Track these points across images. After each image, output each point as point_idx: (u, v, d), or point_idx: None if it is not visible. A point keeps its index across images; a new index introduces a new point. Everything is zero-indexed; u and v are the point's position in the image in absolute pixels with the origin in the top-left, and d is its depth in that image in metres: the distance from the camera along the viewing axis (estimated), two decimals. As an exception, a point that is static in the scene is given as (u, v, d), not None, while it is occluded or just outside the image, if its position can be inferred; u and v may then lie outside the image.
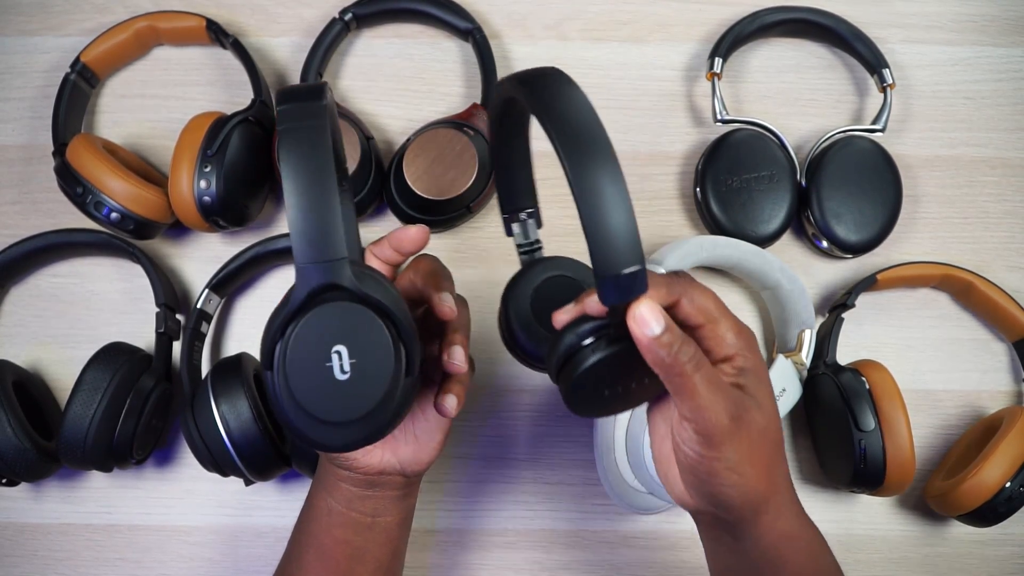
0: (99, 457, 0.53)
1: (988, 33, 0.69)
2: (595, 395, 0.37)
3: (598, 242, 0.32)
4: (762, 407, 0.37)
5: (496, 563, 0.60)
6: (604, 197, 0.32)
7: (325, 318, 0.33)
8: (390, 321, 0.33)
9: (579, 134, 0.33)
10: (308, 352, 0.33)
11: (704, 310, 0.37)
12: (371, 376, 0.33)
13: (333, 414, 0.33)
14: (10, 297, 0.63)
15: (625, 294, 0.33)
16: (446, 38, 0.68)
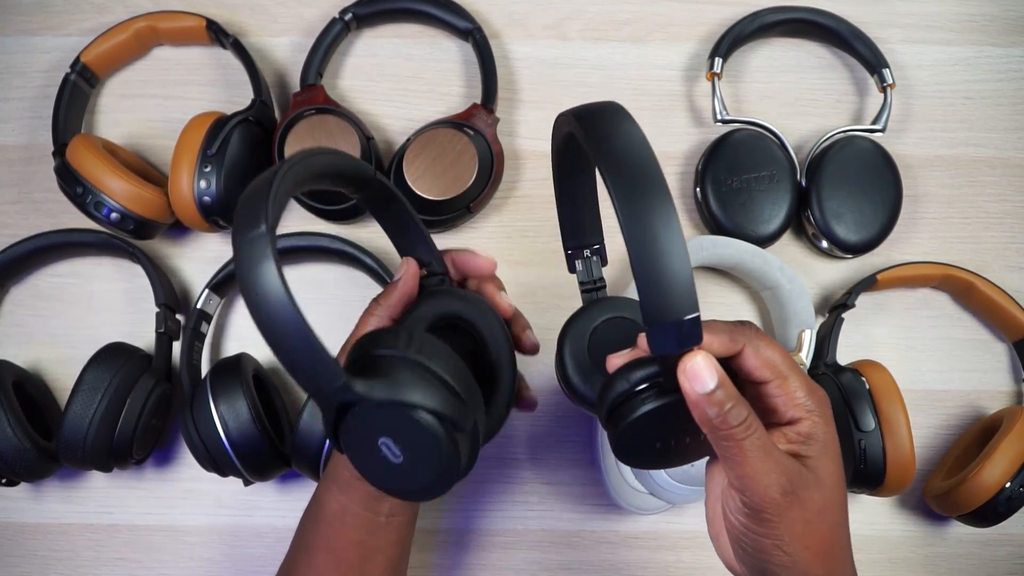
0: (99, 457, 0.53)
1: (988, 33, 0.69)
2: (646, 446, 0.36)
3: (648, 287, 0.30)
4: (823, 484, 0.34)
5: (496, 563, 0.60)
6: (656, 240, 0.30)
7: (359, 422, 0.34)
8: (412, 406, 0.33)
9: (633, 173, 0.31)
10: (360, 448, 0.34)
11: (771, 364, 0.34)
12: (424, 455, 0.34)
13: (402, 487, 0.35)
14: (10, 297, 0.63)
15: (677, 344, 0.31)
16: (446, 38, 0.68)
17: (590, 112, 0.34)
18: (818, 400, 0.35)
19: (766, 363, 0.34)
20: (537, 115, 0.66)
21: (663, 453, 0.37)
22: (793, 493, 0.33)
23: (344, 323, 0.62)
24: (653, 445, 0.36)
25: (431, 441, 0.34)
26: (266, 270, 0.30)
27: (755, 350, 0.34)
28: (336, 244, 0.60)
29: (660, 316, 0.30)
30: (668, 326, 0.30)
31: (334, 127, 0.58)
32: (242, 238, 0.31)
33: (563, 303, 0.63)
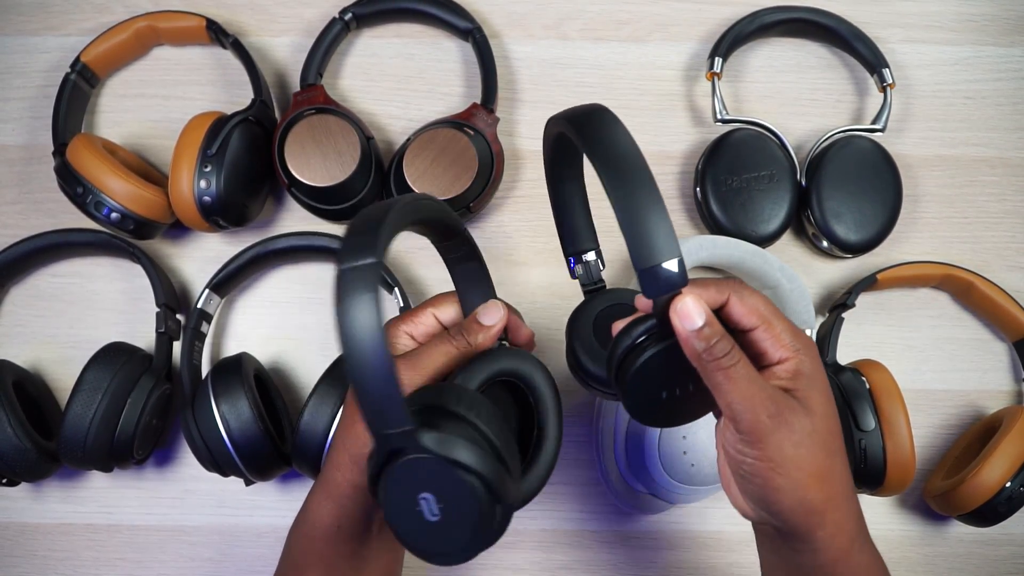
0: (99, 457, 0.53)
1: (988, 33, 0.69)
2: (654, 398, 0.38)
3: (635, 238, 0.34)
4: (811, 412, 0.36)
5: (496, 563, 0.60)
6: (639, 199, 0.34)
7: (406, 472, 0.34)
8: (467, 470, 0.34)
9: (617, 154, 0.35)
10: (398, 498, 0.34)
11: (756, 310, 0.37)
12: (460, 518, 0.34)
13: (433, 546, 0.35)
14: (10, 297, 0.63)
15: (666, 285, 0.34)
16: (446, 38, 0.68)
17: (579, 112, 0.38)
18: (803, 342, 0.37)
19: (751, 310, 0.37)
20: (537, 115, 0.66)
21: (671, 404, 0.39)
22: (779, 415, 0.35)
23: (344, 323, 0.63)
24: (660, 395, 0.38)
25: (474, 507, 0.34)
26: (367, 300, 0.32)
27: (740, 299, 0.37)
28: (336, 244, 0.60)
29: (649, 261, 0.33)
30: (655, 269, 0.34)
31: (334, 127, 0.58)
32: (351, 263, 0.32)
33: (563, 303, 0.63)
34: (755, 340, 0.37)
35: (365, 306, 0.32)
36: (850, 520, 0.38)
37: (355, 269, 0.32)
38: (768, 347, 0.37)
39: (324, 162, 0.58)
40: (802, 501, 0.36)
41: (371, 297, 0.32)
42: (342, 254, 0.33)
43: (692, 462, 0.53)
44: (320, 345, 0.62)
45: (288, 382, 0.62)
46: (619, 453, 0.56)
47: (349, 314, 0.32)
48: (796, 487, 0.35)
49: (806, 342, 0.37)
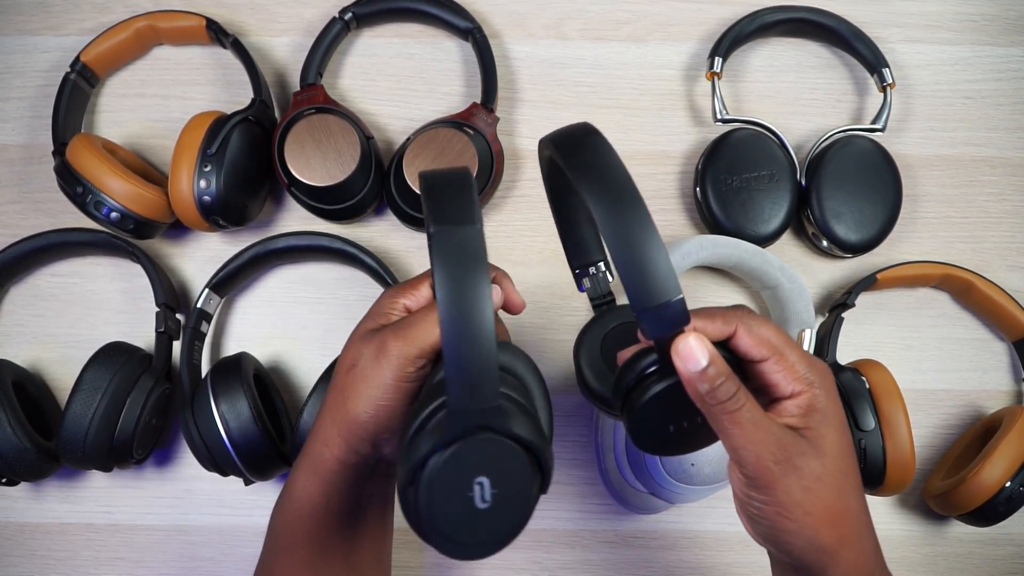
0: (99, 457, 0.53)
1: (988, 32, 0.69)
2: (659, 430, 0.37)
3: (633, 277, 0.32)
4: (822, 453, 0.35)
5: (496, 563, 0.60)
6: (634, 234, 0.32)
7: (473, 450, 0.32)
8: (532, 454, 0.33)
9: (608, 185, 0.33)
10: (450, 482, 0.33)
11: (766, 341, 0.36)
12: (510, 506, 0.33)
13: (468, 538, 0.33)
14: (10, 297, 0.63)
15: (667, 326, 0.33)
16: (446, 38, 0.68)
17: (564, 135, 0.36)
18: (818, 372, 0.36)
19: (761, 341, 0.36)
20: (537, 114, 0.66)
21: (678, 437, 0.38)
22: (787, 461, 0.34)
23: (344, 322, 0.62)
24: (667, 428, 0.37)
25: (526, 494, 0.33)
26: (480, 270, 0.31)
27: (748, 329, 0.36)
28: (336, 244, 0.60)
29: (647, 303, 0.32)
30: (656, 310, 0.32)
31: (334, 127, 0.58)
32: (457, 226, 0.31)
33: (563, 302, 0.63)
34: (765, 371, 0.36)
35: (477, 275, 0.31)
36: (865, 556, 0.37)
37: (458, 232, 0.31)
38: (779, 379, 0.36)
39: (324, 162, 0.58)
40: (812, 542, 0.35)
41: (482, 265, 0.31)
42: (437, 214, 0.32)
43: (692, 462, 0.53)
44: (320, 345, 0.62)
45: (288, 382, 0.62)
46: (619, 453, 0.56)
47: (460, 281, 0.31)
48: (806, 529, 0.35)
49: (821, 373, 0.36)
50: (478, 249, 0.31)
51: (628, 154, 0.65)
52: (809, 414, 0.35)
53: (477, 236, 0.32)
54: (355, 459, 0.41)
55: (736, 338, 0.36)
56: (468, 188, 0.34)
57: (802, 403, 0.35)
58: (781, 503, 0.34)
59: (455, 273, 0.31)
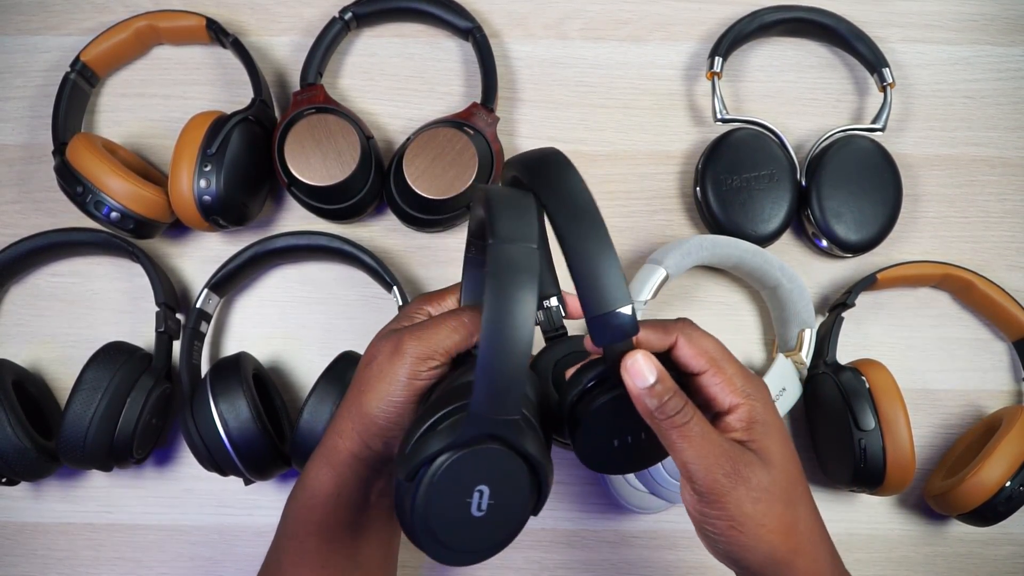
0: (99, 456, 0.53)
1: (988, 32, 0.69)
2: (606, 446, 0.38)
3: (586, 285, 0.33)
4: (768, 463, 0.36)
5: (496, 563, 0.60)
6: (590, 246, 0.33)
7: (483, 458, 0.33)
8: (535, 474, 0.34)
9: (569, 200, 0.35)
10: (452, 485, 0.33)
11: (705, 352, 0.36)
12: (504, 518, 0.34)
13: (456, 543, 0.34)
14: (10, 296, 0.63)
15: (616, 334, 0.33)
16: (446, 37, 0.68)
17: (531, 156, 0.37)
18: (755, 385, 0.37)
19: (700, 352, 0.36)
20: (537, 114, 0.66)
21: (625, 453, 0.38)
22: (736, 473, 0.35)
23: (344, 322, 0.63)
24: (612, 443, 0.38)
25: (522, 507, 0.34)
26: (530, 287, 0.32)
27: (688, 340, 0.36)
28: (336, 243, 0.60)
29: (598, 309, 0.33)
30: (605, 317, 0.33)
31: (334, 126, 0.58)
32: (519, 243, 0.33)
33: (563, 302, 0.63)
34: (704, 384, 0.37)
35: (527, 292, 0.32)
36: (821, 562, 0.38)
37: (518, 250, 0.32)
38: (717, 392, 0.36)
39: (324, 162, 0.58)
40: (768, 555, 0.36)
41: (532, 283, 0.32)
42: (500, 231, 0.33)
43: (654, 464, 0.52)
44: (320, 345, 0.62)
45: (287, 382, 0.62)
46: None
47: (510, 294, 0.31)
48: (760, 543, 0.35)
49: (757, 385, 0.37)
50: (531, 267, 0.32)
51: (628, 154, 0.66)
52: (751, 427, 0.36)
53: (532, 255, 0.33)
54: (367, 453, 0.41)
55: (676, 348, 0.37)
56: (531, 210, 0.35)
57: (743, 416, 0.36)
58: (733, 516, 0.35)
59: (505, 285, 0.32)
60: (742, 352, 0.63)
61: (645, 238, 0.64)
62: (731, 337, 0.63)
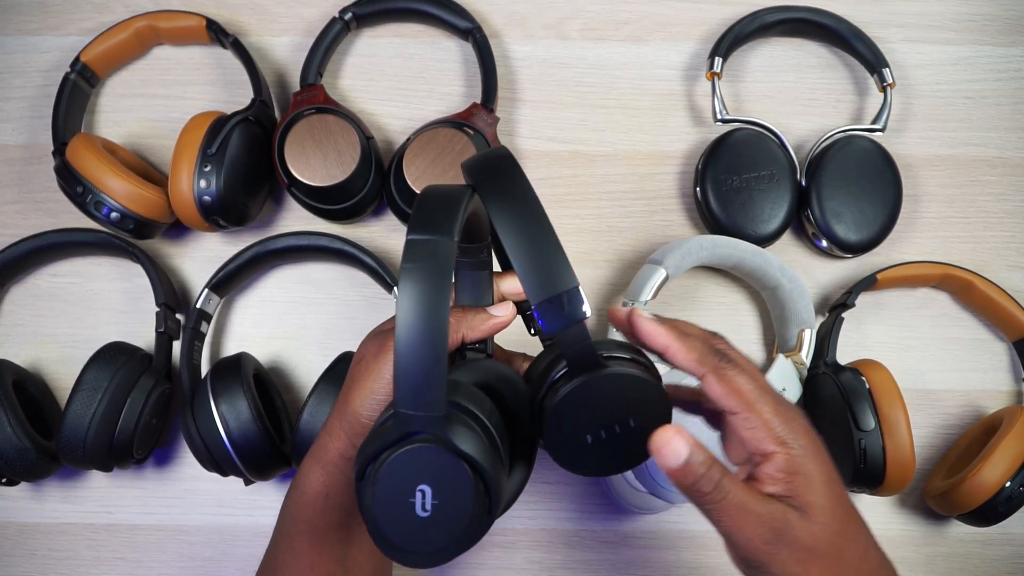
0: (99, 457, 0.53)
1: (988, 32, 0.69)
2: (578, 442, 0.36)
3: (528, 272, 0.32)
4: (812, 519, 0.33)
5: (496, 563, 0.60)
6: (527, 231, 0.33)
7: (414, 458, 0.32)
8: (476, 472, 0.33)
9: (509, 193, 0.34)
10: (394, 485, 0.33)
11: (739, 393, 0.34)
12: (450, 518, 0.33)
13: (408, 543, 0.33)
14: (10, 297, 0.63)
15: (567, 318, 0.33)
16: (446, 38, 0.68)
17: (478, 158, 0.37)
18: (796, 429, 0.34)
19: (733, 392, 0.34)
20: (537, 114, 0.66)
21: (603, 450, 0.37)
22: (777, 540, 0.33)
23: (344, 322, 0.63)
24: (585, 439, 0.36)
25: (468, 508, 0.33)
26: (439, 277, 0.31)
27: (721, 378, 0.34)
28: (336, 244, 0.60)
29: (543, 294, 0.32)
30: (552, 302, 0.32)
31: (334, 127, 0.58)
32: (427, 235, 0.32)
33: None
34: (737, 426, 0.34)
35: (433, 281, 0.31)
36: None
37: (428, 242, 0.32)
38: (751, 436, 0.34)
39: (324, 162, 0.58)
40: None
41: (441, 273, 0.31)
42: (417, 223, 0.32)
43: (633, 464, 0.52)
44: (320, 345, 0.62)
45: (287, 382, 0.62)
46: (619, 453, 0.56)
47: (413, 285, 0.31)
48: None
49: (795, 428, 0.34)
50: (442, 258, 0.32)
51: (628, 154, 0.66)
52: (791, 479, 0.33)
53: (445, 247, 0.32)
54: (354, 453, 0.41)
55: (705, 383, 0.34)
56: (456, 203, 0.34)
57: (780, 466, 0.34)
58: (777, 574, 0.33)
59: (417, 279, 0.31)
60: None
61: (645, 238, 0.64)
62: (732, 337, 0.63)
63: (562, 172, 0.65)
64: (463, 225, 0.34)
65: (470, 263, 0.44)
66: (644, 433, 0.35)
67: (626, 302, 0.57)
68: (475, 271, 0.44)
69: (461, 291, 0.45)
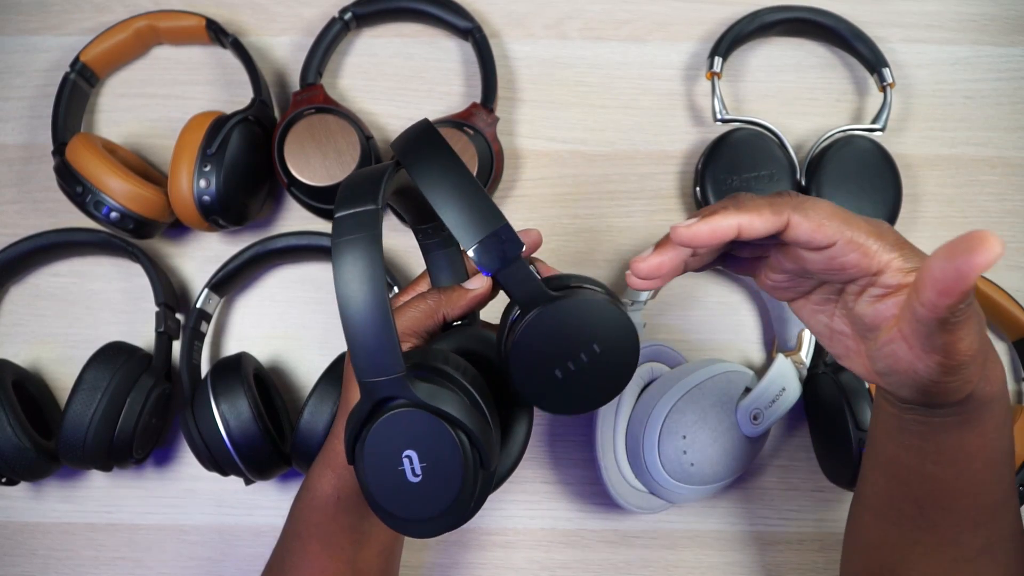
0: (99, 456, 0.53)
1: (988, 32, 0.69)
2: (549, 379, 0.36)
3: (456, 219, 0.33)
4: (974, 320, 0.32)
5: (496, 563, 0.60)
6: (447, 181, 0.33)
7: (392, 426, 0.33)
8: (454, 425, 0.33)
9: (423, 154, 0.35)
10: (380, 457, 0.33)
11: (826, 222, 0.32)
12: (443, 478, 0.33)
13: (408, 512, 0.34)
14: (10, 296, 0.63)
15: (503, 256, 0.33)
16: (446, 37, 0.68)
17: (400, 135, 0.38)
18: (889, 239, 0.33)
19: (818, 227, 0.32)
20: (537, 114, 0.66)
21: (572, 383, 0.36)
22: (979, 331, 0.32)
23: (344, 322, 0.63)
24: (554, 375, 0.36)
25: (459, 468, 0.33)
26: (365, 244, 0.31)
27: (804, 215, 0.32)
28: (336, 243, 0.60)
29: (477, 235, 0.33)
30: (486, 241, 0.33)
31: (334, 126, 0.58)
32: (349, 210, 0.32)
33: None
34: (832, 259, 0.33)
35: (363, 250, 0.31)
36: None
37: (353, 215, 0.32)
38: (855, 261, 0.33)
39: (324, 162, 0.58)
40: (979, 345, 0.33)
41: (369, 241, 0.31)
42: (339, 203, 0.33)
43: (692, 462, 0.53)
44: (320, 345, 0.62)
45: (288, 382, 0.62)
46: (619, 453, 0.56)
47: (345, 257, 0.31)
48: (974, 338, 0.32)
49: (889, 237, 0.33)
50: (372, 225, 0.32)
51: (628, 154, 0.66)
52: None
53: (372, 215, 0.32)
54: None
55: (792, 229, 0.33)
56: (376, 177, 0.34)
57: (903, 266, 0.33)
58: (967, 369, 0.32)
59: (348, 249, 0.31)
60: (741, 352, 0.63)
61: (645, 238, 0.64)
62: (731, 337, 0.63)
63: (562, 172, 0.65)
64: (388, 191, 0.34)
65: (436, 243, 0.44)
66: (613, 358, 0.35)
67: (626, 302, 0.57)
68: (444, 248, 0.44)
69: (437, 272, 0.45)
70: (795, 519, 0.60)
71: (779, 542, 0.60)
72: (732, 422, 0.53)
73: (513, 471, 0.41)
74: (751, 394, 0.53)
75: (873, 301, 0.34)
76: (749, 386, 0.54)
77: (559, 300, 0.35)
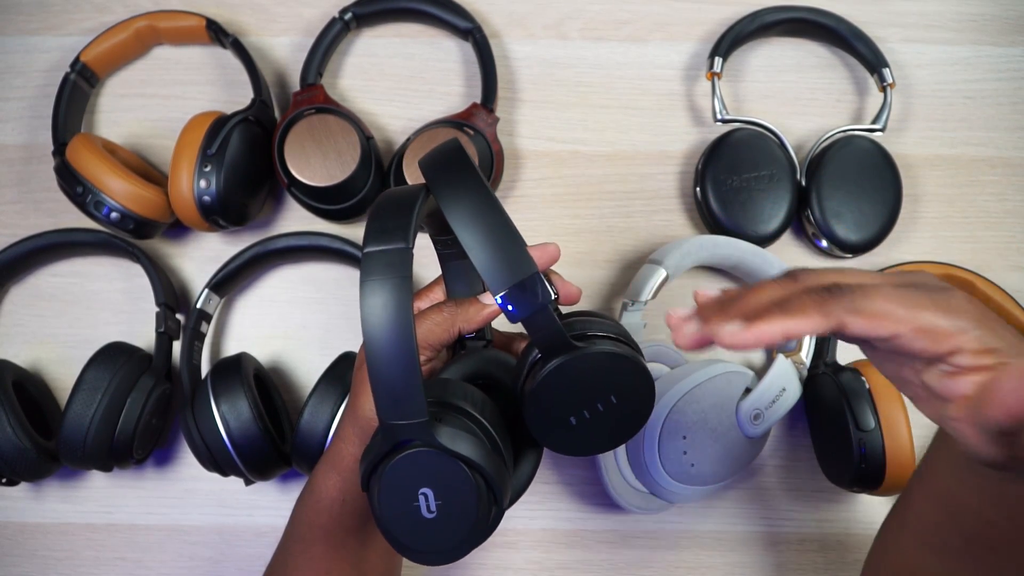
0: (99, 457, 0.53)
1: (988, 32, 0.69)
2: (564, 425, 0.37)
3: (486, 263, 0.33)
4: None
5: (496, 563, 0.60)
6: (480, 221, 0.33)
7: (410, 464, 0.33)
8: (472, 468, 0.34)
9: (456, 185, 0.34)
10: (396, 490, 0.33)
11: (888, 314, 0.29)
12: (457, 516, 0.34)
13: (419, 544, 0.34)
14: (10, 297, 0.63)
15: (531, 304, 0.33)
16: (446, 38, 0.68)
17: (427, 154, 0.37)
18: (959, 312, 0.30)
19: (877, 316, 0.29)
20: (537, 115, 0.66)
21: (587, 430, 0.37)
22: None
23: (344, 322, 0.63)
24: (568, 421, 0.36)
25: (474, 505, 0.33)
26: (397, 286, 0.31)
27: (858, 313, 0.29)
28: (336, 244, 0.60)
29: (504, 284, 0.32)
30: (513, 290, 0.33)
31: (334, 127, 0.58)
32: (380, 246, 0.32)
33: (563, 303, 0.63)
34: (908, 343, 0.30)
35: (394, 292, 0.31)
36: None
37: (383, 253, 0.32)
38: (927, 345, 0.30)
39: (324, 162, 0.58)
40: None
41: (400, 283, 0.31)
42: (370, 236, 0.33)
43: (692, 462, 0.53)
44: (320, 345, 0.62)
45: (288, 382, 0.62)
46: (619, 453, 0.56)
47: (376, 298, 0.31)
48: None
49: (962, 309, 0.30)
50: (403, 267, 0.32)
51: (628, 154, 0.66)
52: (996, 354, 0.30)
53: (401, 255, 0.32)
54: None
55: (847, 328, 0.29)
56: (408, 208, 0.34)
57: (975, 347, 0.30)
58: None
59: (378, 291, 0.31)
60: (741, 352, 0.63)
61: (645, 238, 0.64)
62: (731, 337, 0.63)
63: (562, 172, 0.65)
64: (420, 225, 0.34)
65: (454, 253, 0.44)
66: (629, 408, 0.36)
67: (626, 302, 0.57)
68: (462, 259, 0.44)
69: (452, 282, 0.45)
70: (795, 519, 0.60)
71: (779, 542, 0.60)
72: (732, 422, 0.53)
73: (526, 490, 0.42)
74: (751, 394, 0.53)
75: (943, 376, 0.31)
76: (749, 386, 0.54)
77: (580, 352, 0.35)
